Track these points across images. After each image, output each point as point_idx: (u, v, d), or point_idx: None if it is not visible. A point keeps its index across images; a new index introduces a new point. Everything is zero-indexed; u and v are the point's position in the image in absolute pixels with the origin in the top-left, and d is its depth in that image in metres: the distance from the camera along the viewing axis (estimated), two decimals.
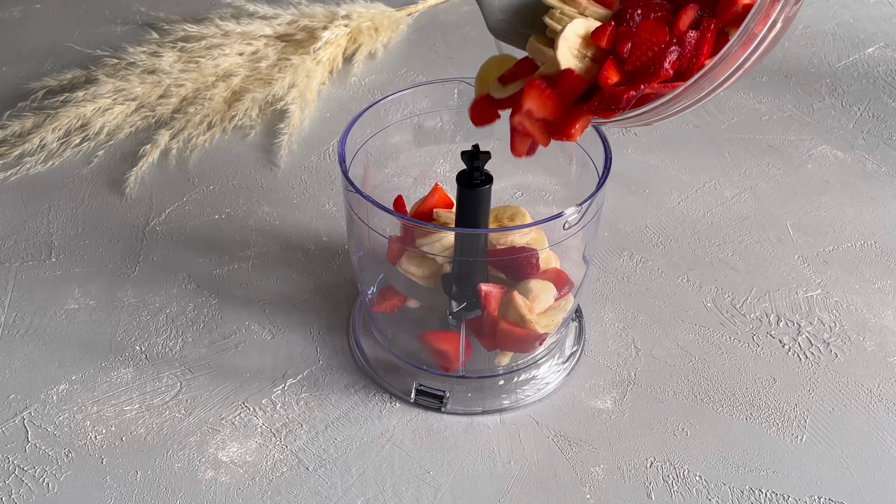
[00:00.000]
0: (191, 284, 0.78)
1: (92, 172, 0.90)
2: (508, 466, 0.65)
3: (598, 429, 0.68)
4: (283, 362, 0.72)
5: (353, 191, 0.62)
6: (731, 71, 0.50)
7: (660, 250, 0.82)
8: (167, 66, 0.99)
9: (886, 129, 0.97)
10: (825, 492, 0.64)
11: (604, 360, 0.73)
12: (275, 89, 0.97)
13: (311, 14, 1.06)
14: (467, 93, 0.70)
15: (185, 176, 0.90)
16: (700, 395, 0.70)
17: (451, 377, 0.69)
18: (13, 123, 0.93)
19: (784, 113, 0.99)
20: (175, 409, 0.69)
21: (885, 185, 0.90)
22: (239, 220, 0.85)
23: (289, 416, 0.68)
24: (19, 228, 0.84)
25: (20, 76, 1.02)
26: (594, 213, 0.64)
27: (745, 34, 0.48)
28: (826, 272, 0.80)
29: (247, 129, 0.96)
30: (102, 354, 0.72)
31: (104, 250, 0.82)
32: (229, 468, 0.65)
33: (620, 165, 0.91)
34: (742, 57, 0.50)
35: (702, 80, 0.50)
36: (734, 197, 0.88)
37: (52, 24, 1.12)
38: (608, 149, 0.64)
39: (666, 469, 0.65)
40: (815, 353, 0.73)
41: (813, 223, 0.85)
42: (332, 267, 0.80)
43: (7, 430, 0.67)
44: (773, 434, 0.67)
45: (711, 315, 0.76)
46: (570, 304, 0.68)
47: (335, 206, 0.86)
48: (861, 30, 1.13)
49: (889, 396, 0.70)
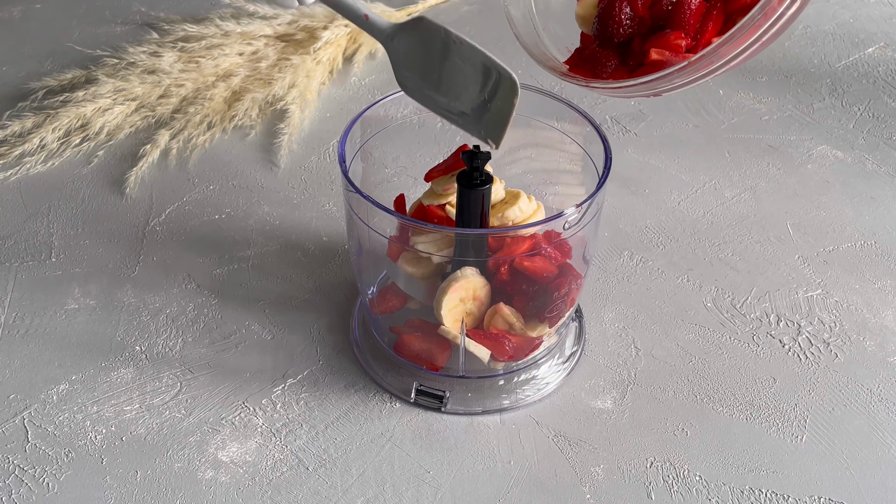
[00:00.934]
0: (191, 284, 0.78)
1: (92, 172, 0.90)
2: (508, 466, 0.65)
3: (598, 429, 0.68)
4: (283, 362, 0.72)
5: (353, 191, 0.62)
6: (748, 44, 0.53)
7: (660, 250, 0.82)
8: (167, 66, 0.99)
9: (886, 129, 0.97)
10: (825, 492, 0.64)
11: (604, 360, 0.73)
12: (275, 89, 0.97)
13: (311, 14, 1.06)
14: None
15: (185, 176, 0.90)
16: (700, 395, 0.70)
17: (451, 377, 0.69)
18: (13, 123, 0.93)
19: (784, 113, 0.99)
20: (175, 409, 0.69)
21: (885, 185, 0.90)
22: (239, 220, 0.85)
23: (289, 416, 0.68)
24: (19, 228, 0.84)
25: (20, 76, 1.02)
26: (594, 213, 0.64)
27: (766, 7, 0.51)
28: (826, 272, 0.80)
29: (247, 129, 0.96)
30: (102, 354, 0.72)
31: (104, 250, 0.82)
32: (229, 468, 0.65)
33: (620, 165, 0.91)
34: (758, 32, 0.52)
35: (713, 54, 0.53)
36: (734, 197, 0.88)
37: (52, 24, 1.12)
38: (608, 149, 0.64)
39: (666, 469, 0.65)
40: (815, 353, 0.73)
41: (813, 223, 0.85)
42: (332, 267, 0.80)
43: (7, 430, 0.67)
44: (773, 434, 0.67)
45: (711, 315, 0.76)
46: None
47: (335, 206, 0.86)
48: (861, 30, 1.13)
49: (889, 396, 0.70)
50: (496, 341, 0.66)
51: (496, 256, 0.65)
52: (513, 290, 0.66)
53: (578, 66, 0.62)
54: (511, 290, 0.66)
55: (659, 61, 0.57)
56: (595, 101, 1.00)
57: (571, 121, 0.68)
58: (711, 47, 0.53)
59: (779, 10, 0.51)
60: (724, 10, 0.58)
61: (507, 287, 0.65)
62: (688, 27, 0.57)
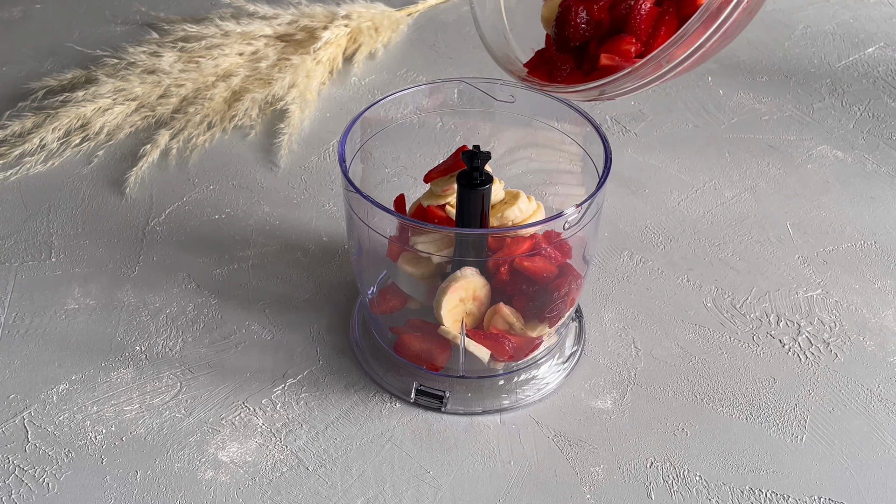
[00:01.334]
0: (191, 284, 0.78)
1: (92, 172, 0.90)
2: (508, 466, 0.65)
3: (598, 429, 0.68)
4: (283, 362, 0.72)
5: (353, 191, 0.62)
6: (689, 51, 0.53)
7: (660, 250, 0.82)
8: (167, 66, 0.99)
9: (886, 129, 0.97)
10: (825, 492, 0.64)
11: (604, 360, 0.73)
12: (275, 89, 0.97)
13: (311, 14, 1.06)
14: (467, 93, 0.70)
15: (185, 176, 0.90)
16: (700, 395, 0.70)
17: (451, 377, 0.69)
18: (13, 123, 0.93)
19: (784, 113, 0.99)
20: (175, 409, 0.69)
21: (885, 185, 0.90)
22: (239, 220, 0.85)
23: (289, 416, 0.68)
24: (19, 228, 0.84)
25: (20, 76, 1.02)
26: (594, 213, 0.64)
27: (706, 12, 0.51)
28: (826, 272, 0.80)
29: (247, 129, 0.96)
30: (102, 354, 0.72)
31: (104, 250, 0.82)
32: (229, 468, 0.65)
33: (620, 165, 0.91)
34: (702, 38, 0.52)
35: (659, 57, 0.54)
36: (734, 197, 0.88)
37: (52, 24, 1.12)
38: (608, 149, 0.64)
39: (666, 469, 0.65)
40: (815, 353, 0.73)
41: (813, 223, 0.85)
42: (332, 267, 0.80)
43: (7, 430, 0.67)
44: (773, 434, 0.67)
45: (711, 315, 0.76)
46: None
47: (335, 206, 0.86)
48: (861, 30, 1.13)
49: (889, 396, 0.70)
50: (496, 341, 0.66)
51: (496, 256, 0.65)
52: (513, 290, 0.66)
53: (538, 67, 0.63)
54: (511, 290, 0.66)
55: (609, 66, 0.58)
56: (595, 102, 1.00)
57: (571, 121, 0.68)
58: (656, 52, 0.53)
59: (723, 15, 0.51)
60: (678, 15, 0.58)
61: (507, 287, 0.65)
62: (639, 32, 0.58)
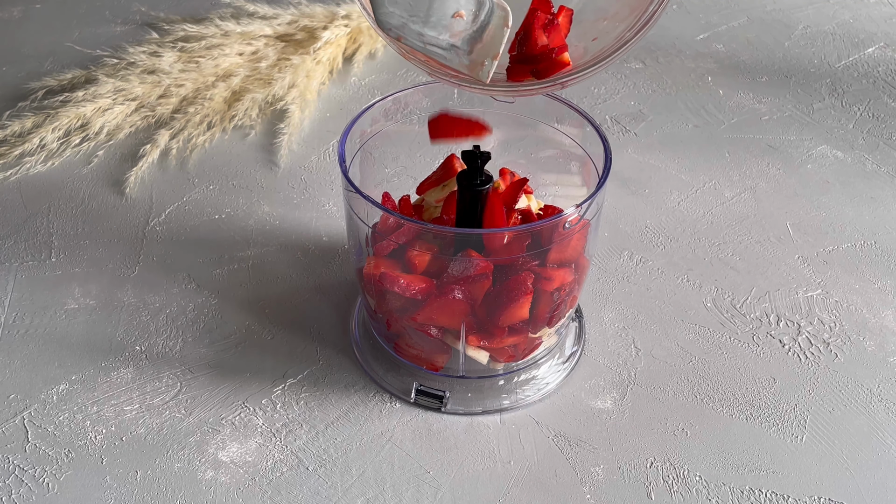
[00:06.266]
0: (191, 284, 0.78)
1: (92, 172, 0.90)
2: (508, 466, 0.65)
3: (598, 429, 0.68)
4: (283, 362, 0.72)
5: (353, 191, 0.62)
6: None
7: (660, 250, 0.82)
8: (167, 66, 0.99)
9: (886, 129, 0.97)
10: (825, 492, 0.64)
11: (604, 360, 0.73)
12: (275, 89, 0.97)
13: (311, 14, 1.06)
14: (467, 93, 0.70)
15: (185, 176, 0.90)
16: (700, 395, 0.70)
17: (451, 377, 0.69)
18: (13, 123, 0.93)
19: (784, 113, 0.99)
20: (175, 409, 0.69)
21: (885, 185, 0.90)
22: (239, 220, 0.85)
23: (289, 416, 0.68)
24: (19, 228, 0.84)
25: (20, 76, 1.02)
26: (594, 213, 0.64)
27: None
28: (826, 272, 0.80)
29: (247, 129, 0.96)
30: (102, 354, 0.72)
31: (104, 250, 0.82)
32: (229, 468, 0.65)
33: (620, 165, 0.91)
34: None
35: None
36: (734, 197, 0.88)
37: (52, 24, 1.12)
38: (608, 149, 0.64)
39: (666, 469, 0.65)
40: (815, 353, 0.73)
41: (813, 223, 0.85)
42: (332, 267, 0.80)
43: (7, 430, 0.67)
44: (773, 434, 0.67)
45: (711, 315, 0.76)
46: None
47: (335, 206, 0.86)
48: (861, 30, 1.13)
49: (889, 396, 0.70)
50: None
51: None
52: None
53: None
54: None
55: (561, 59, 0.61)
56: (595, 102, 1.00)
57: (571, 121, 0.68)
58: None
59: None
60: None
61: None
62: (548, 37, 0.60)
